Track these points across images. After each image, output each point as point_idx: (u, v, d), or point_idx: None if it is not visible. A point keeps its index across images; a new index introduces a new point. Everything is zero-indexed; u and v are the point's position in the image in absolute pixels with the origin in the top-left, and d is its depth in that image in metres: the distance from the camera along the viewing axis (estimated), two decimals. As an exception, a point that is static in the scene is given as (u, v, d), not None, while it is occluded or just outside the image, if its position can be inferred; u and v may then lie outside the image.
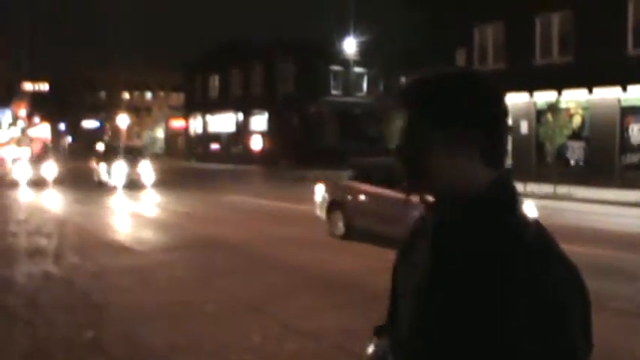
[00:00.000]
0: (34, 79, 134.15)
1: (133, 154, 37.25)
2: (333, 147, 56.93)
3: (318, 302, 10.32)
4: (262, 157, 58.06)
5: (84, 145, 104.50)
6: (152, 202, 27.34)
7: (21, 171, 37.59)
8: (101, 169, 35.98)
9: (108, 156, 36.97)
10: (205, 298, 10.60)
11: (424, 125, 1.75)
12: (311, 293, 10.93)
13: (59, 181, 36.83)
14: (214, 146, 72.03)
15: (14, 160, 44.61)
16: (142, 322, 9.23)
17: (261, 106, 63.64)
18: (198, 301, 10.39)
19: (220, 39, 69.98)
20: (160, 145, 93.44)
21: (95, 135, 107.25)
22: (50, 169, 37.86)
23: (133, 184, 33.68)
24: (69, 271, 12.83)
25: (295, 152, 55.75)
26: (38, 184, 35.45)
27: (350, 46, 57.61)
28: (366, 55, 59.45)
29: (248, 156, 61.31)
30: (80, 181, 37.71)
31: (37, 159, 39.68)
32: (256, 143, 60.89)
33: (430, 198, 1.81)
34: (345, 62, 61.23)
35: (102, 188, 33.41)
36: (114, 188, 33.16)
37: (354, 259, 14.02)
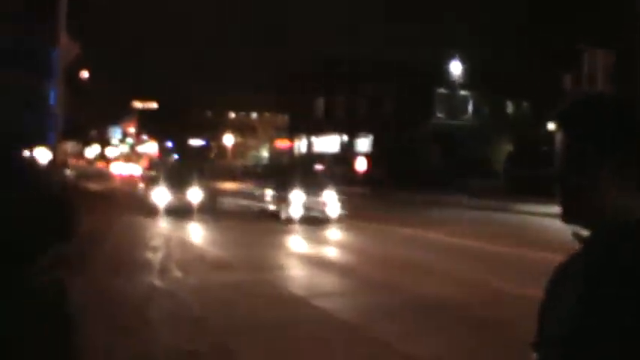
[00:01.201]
0: (144, 97, 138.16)
1: (311, 178, 30.06)
2: (437, 170, 56.52)
3: (420, 325, 10.25)
4: (366, 179, 57.96)
5: (189, 162, 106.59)
6: (346, 241, 22.40)
7: (159, 194, 29.44)
8: (267, 195, 28.99)
9: (276, 179, 29.43)
10: (306, 316, 10.63)
11: (584, 149, 1.66)
12: (412, 316, 10.86)
13: (206, 209, 29.61)
14: (318, 167, 72.45)
15: (147, 181, 35.25)
16: (239, 338, 9.33)
17: (366, 128, 63.83)
18: (299, 319, 10.41)
19: (325, 61, 70.38)
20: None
21: (201, 153, 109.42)
22: (194, 193, 29.91)
23: (313, 218, 26.19)
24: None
25: (399, 174, 55.52)
26: (182, 212, 28.43)
27: (456, 68, 57.20)
28: (471, 78, 58.89)
29: (352, 177, 61.35)
30: (230, 208, 32.43)
31: (176, 178, 31.41)
32: (361, 164, 60.94)
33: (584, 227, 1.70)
34: (450, 85, 60.79)
35: (269, 221, 26.80)
36: (288, 221, 26.22)
37: (461, 287, 13.81)
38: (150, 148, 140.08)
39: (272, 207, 28.13)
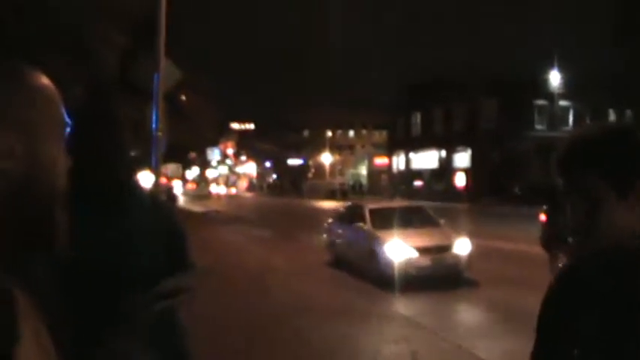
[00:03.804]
0: (241, 119, 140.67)
1: None
2: (537, 183, 55.61)
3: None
4: (466, 195, 57.46)
5: (288, 182, 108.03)
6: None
7: (393, 247, 15.29)
8: None
9: None
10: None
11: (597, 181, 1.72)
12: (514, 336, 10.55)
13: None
14: (417, 183, 72.22)
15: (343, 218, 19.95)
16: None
17: (464, 143, 63.35)
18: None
19: (422, 77, 70.45)
20: (362, 183, 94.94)
21: (298, 172, 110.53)
22: (460, 244, 15.68)
23: None
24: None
25: (498, 189, 54.87)
26: (437, 279, 14.98)
27: (554, 79, 56.33)
28: (571, 88, 57.84)
29: (451, 193, 60.88)
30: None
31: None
32: (460, 180, 60.45)
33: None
34: (549, 96, 59.86)
35: None
36: None
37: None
38: (249, 168, 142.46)
39: None
